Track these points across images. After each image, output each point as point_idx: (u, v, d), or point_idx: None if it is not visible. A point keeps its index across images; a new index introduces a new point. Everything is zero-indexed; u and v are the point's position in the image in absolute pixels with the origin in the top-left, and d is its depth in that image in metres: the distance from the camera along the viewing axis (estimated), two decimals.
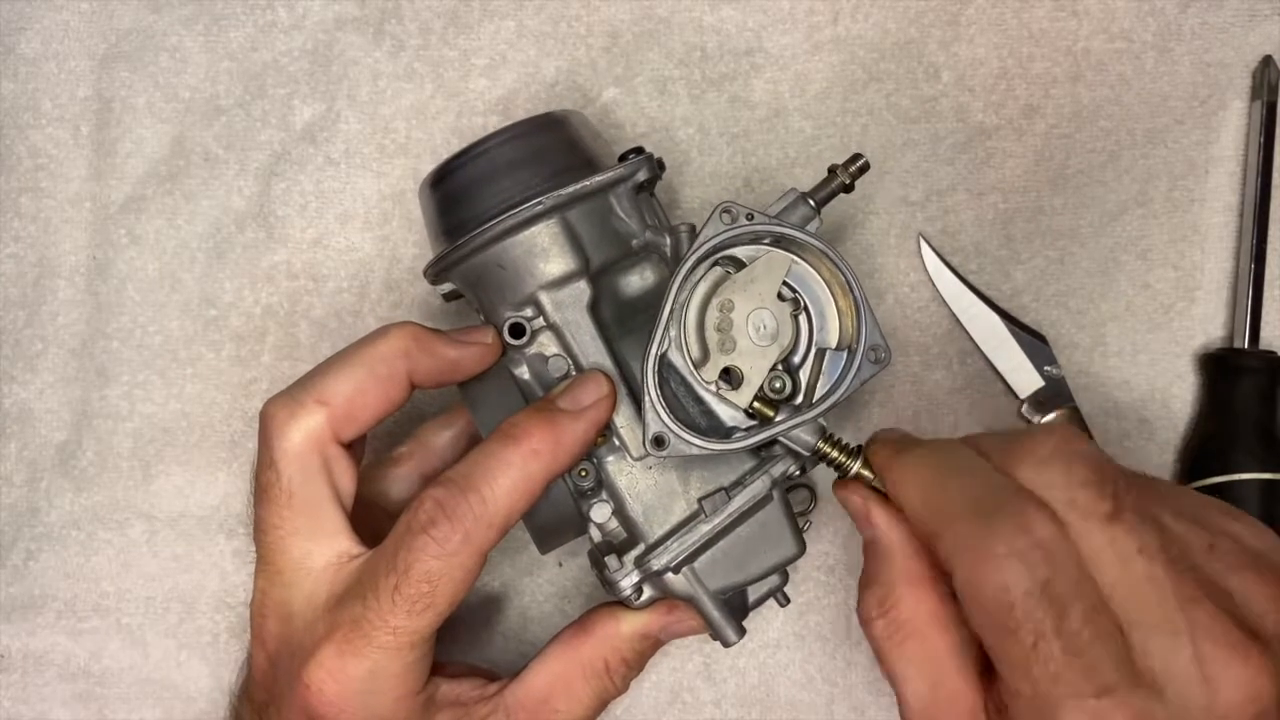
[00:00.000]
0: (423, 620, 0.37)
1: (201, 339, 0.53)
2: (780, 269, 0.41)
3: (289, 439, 0.39)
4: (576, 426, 0.39)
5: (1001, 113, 0.53)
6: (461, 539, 0.37)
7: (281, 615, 0.39)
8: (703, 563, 0.42)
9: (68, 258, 0.53)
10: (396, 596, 0.37)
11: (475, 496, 0.37)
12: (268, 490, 0.39)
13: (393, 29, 0.53)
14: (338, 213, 0.53)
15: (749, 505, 0.41)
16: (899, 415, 0.52)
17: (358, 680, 0.37)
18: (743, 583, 0.42)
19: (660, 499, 0.42)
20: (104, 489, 0.52)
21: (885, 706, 0.51)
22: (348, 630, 0.37)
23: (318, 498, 0.39)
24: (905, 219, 0.53)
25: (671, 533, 0.41)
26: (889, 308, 0.52)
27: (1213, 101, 0.53)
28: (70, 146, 0.53)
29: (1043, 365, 0.52)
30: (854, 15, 0.53)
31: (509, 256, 0.41)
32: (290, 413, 0.39)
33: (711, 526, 0.41)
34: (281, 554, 0.39)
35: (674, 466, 0.42)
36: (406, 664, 0.38)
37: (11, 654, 0.52)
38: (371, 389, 0.40)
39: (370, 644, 0.37)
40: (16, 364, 0.52)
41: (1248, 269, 0.51)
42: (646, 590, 0.42)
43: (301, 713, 0.38)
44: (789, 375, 0.41)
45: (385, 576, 0.37)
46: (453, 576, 0.37)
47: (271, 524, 0.39)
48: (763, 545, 0.42)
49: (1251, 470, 0.49)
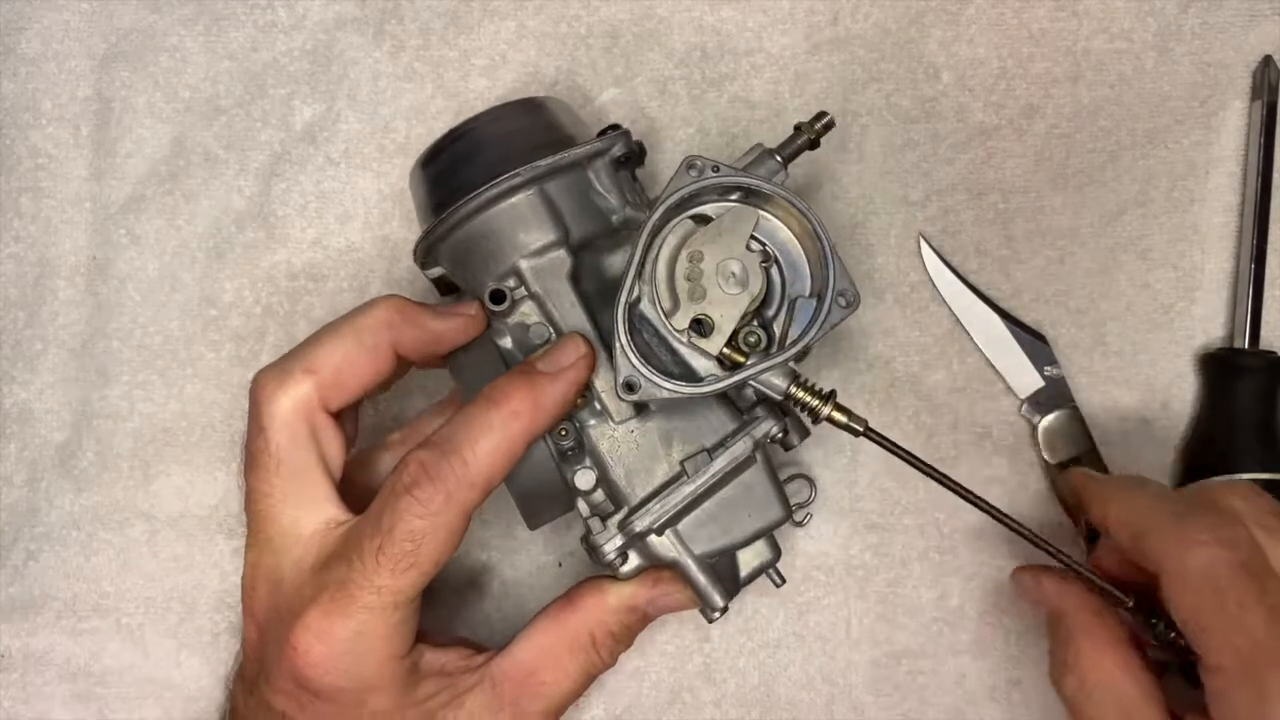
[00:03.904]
0: (406, 579, 0.37)
1: (201, 339, 0.53)
2: (748, 221, 0.41)
3: (278, 406, 0.40)
4: (555, 387, 0.39)
5: (1001, 113, 0.53)
6: (444, 499, 0.37)
7: (271, 582, 0.40)
8: (687, 525, 0.42)
9: (68, 258, 0.53)
10: (381, 556, 0.37)
11: (457, 458, 0.38)
12: (257, 458, 0.40)
13: (393, 29, 0.53)
14: (338, 213, 0.53)
15: (731, 466, 0.41)
16: (899, 415, 0.52)
17: (344, 641, 0.38)
18: (728, 546, 0.43)
19: (642, 461, 0.42)
20: (104, 489, 0.52)
21: (885, 706, 0.51)
22: (334, 591, 0.38)
23: (306, 464, 0.40)
24: (905, 219, 0.53)
25: (654, 494, 0.41)
26: (888, 308, 0.52)
27: (1213, 101, 0.53)
28: (70, 146, 0.53)
29: (1043, 365, 0.52)
30: (854, 15, 0.53)
31: (491, 227, 0.42)
32: (279, 382, 0.40)
33: (694, 487, 0.41)
34: (271, 521, 0.40)
35: (655, 430, 0.42)
36: (391, 625, 0.38)
37: (11, 654, 0.52)
38: (358, 359, 0.40)
39: (355, 604, 0.37)
40: (16, 364, 0.52)
41: (1248, 269, 0.51)
42: (632, 557, 0.42)
43: (289, 677, 0.38)
44: (763, 329, 0.42)
45: (370, 538, 0.38)
46: (436, 536, 0.38)
47: (261, 491, 0.40)
48: (747, 508, 0.42)
49: (1251, 470, 0.49)
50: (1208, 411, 0.51)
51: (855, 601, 0.52)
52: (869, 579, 0.52)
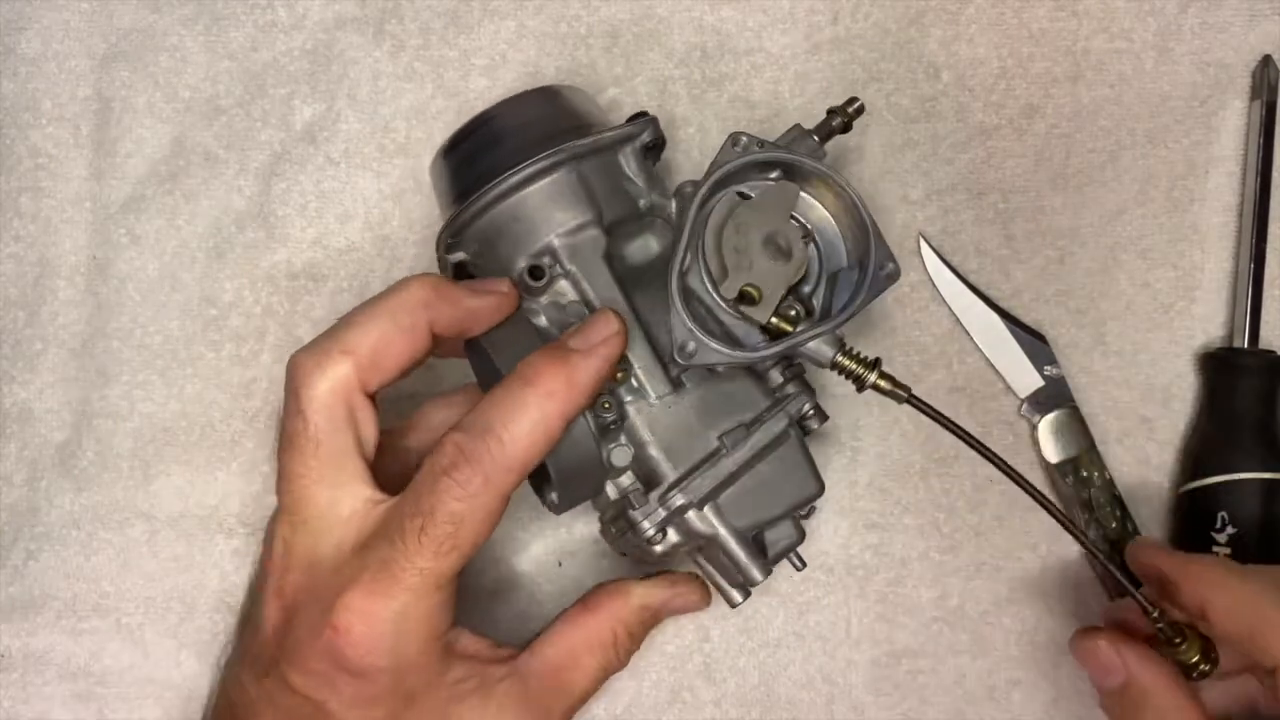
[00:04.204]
0: (448, 561, 0.38)
1: (201, 339, 0.53)
2: (791, 196, 0.42)
3: (317, 388, 0.39)
4: (589, 364, 0.39)
5: (1001, 112, 0.53)
6: (482, 481, 0.37)
7: (307, 565, 0.39)
8: (725, 500, 0.42)
9: (68, 258, 0.53)
10: (423, 538, 0.37)
11: (494, 439, 0.38)
12: (294, 440, 0.40)
13: (393, 29, 0.53)
14: (338, 213, 0.53)
15: (768, 441, 0.41)
16: (899, 414, 0.52)
17: (386, 621, 0.38)
18: (766, 520, 0.43)
19: (680, 437, 0.42)
20: (104, 489, 0.52)
21: (885, 706, 0.51)
22: (376, 571, 0.37)
23: (344, 446, 0.40)
24: (905, 218, 0.53)
25: (693, 470, 0.41)
26: (888, 307, 0.52)
27: (1212, 101, 0.53)
28: (70, 146, 0.53)
29: (1043, 365, 0.52)
30: (854, 15, 0.53)
31: (525, 208, 0.42)
32: (317, 363, 0.39)
33: (734, 460, 0.41)
34: (308, 502, 0.39)
35: (691, 407, 0.42)
36: (432, 606, 0.38)
37: (11, 654, 0.52)
38: (395, 339, 0.40)
39: (398, 584, 0.37)
40: (16, 364, 0.52)
41: (1247, 268, 0.51)
42: (670, 534, 0.42)
43: (325, 657, 0.38)
44: (801, 304, 0.42)
45: (411, 519, 0.38)
46: (475, 518, 0.38)
47: (297, 472, 0.39)
48: (783, 483, 0.43)
49: (1251, 470, 0.49)
50: (1208, 411, 0.51)
51: (855, 601, 0.52)
52: (869, 579, 0.52)
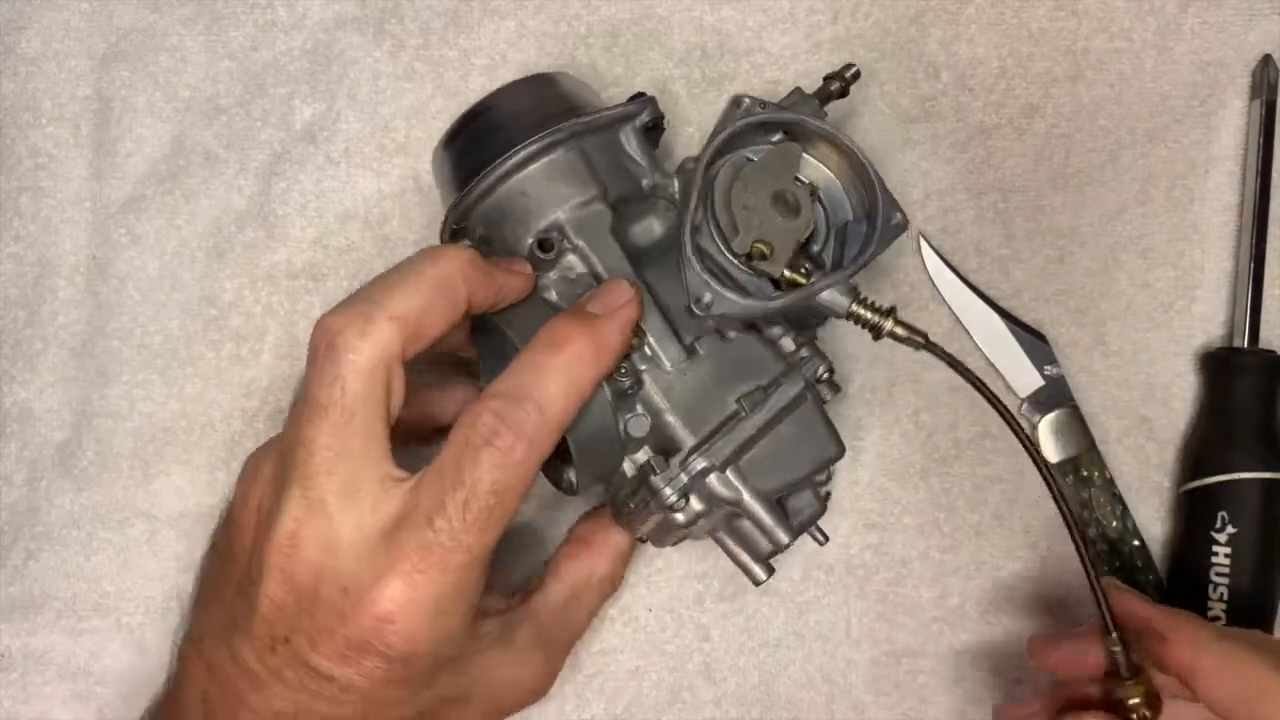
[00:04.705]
0: (491, 535, 0.37)
1: (202, 338, 0.53)
2: (794, 155, 0.43)
3: (362, 354, 0.37)
4: (612, 326, 0.39)
5: (1001, 112, 0.53)
6: (526, 448, 0.36)
7: (325, 545, 0.37)
8: (746, 463, 0.41)
9: (68, 257, 0.53)
10: (467, 514, 0.36)
11: (532, 405, 0.37)
12: (327, 408, 0.37)
13: (393, 29, 0.53)
14: (338, 212, 0.53)
15: (786, 404, 0.41)
16: (899, 414, 0.52)
17: (428, 610, 0.36)
18: (789, 482, 0.42)
19: (697, 403, 0.41)
20: (104, 489, 0.52)
21: (885, 706, 0.51)
22: (417, 558, 0.36)
23: (375, 418, 0.38)
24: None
25: (713, 434, 0.41)
26: None
27: (1212, 100, 0.53)
28: (70, 146, 0.53)
29: (1043, 364, 0.52)
30: (854, 14, 0.53)
31: (529, 187, 0.42)
32: (361, 329, 0.37)
33: (753, 423, 0.41)
34: (328, 477, 0.37)
35: (707, 374, 0.42)
36: (475, 581, 0.37)
37: (11, 654, 0.51)
38: (438, 308, 0.38)
39: (442, 568, 0.36)
40: (16, 364, 0.52)
41: (1247, 268, 0.51)
42: (692, 501, 0.41)
43: (359, 645, 0.37)
44: (811, 261, 0.43)
45: (453, 494, 0.36)
46: (517, 489, 0.37)
47: (323, 444, 0.37)
48: (803, 445, 0.42)
49: (1251, 469, 0.49)
50: (1207, 411, 0.51)
51: (855, 601, 0.52)
52: (869, 579, 0.52)
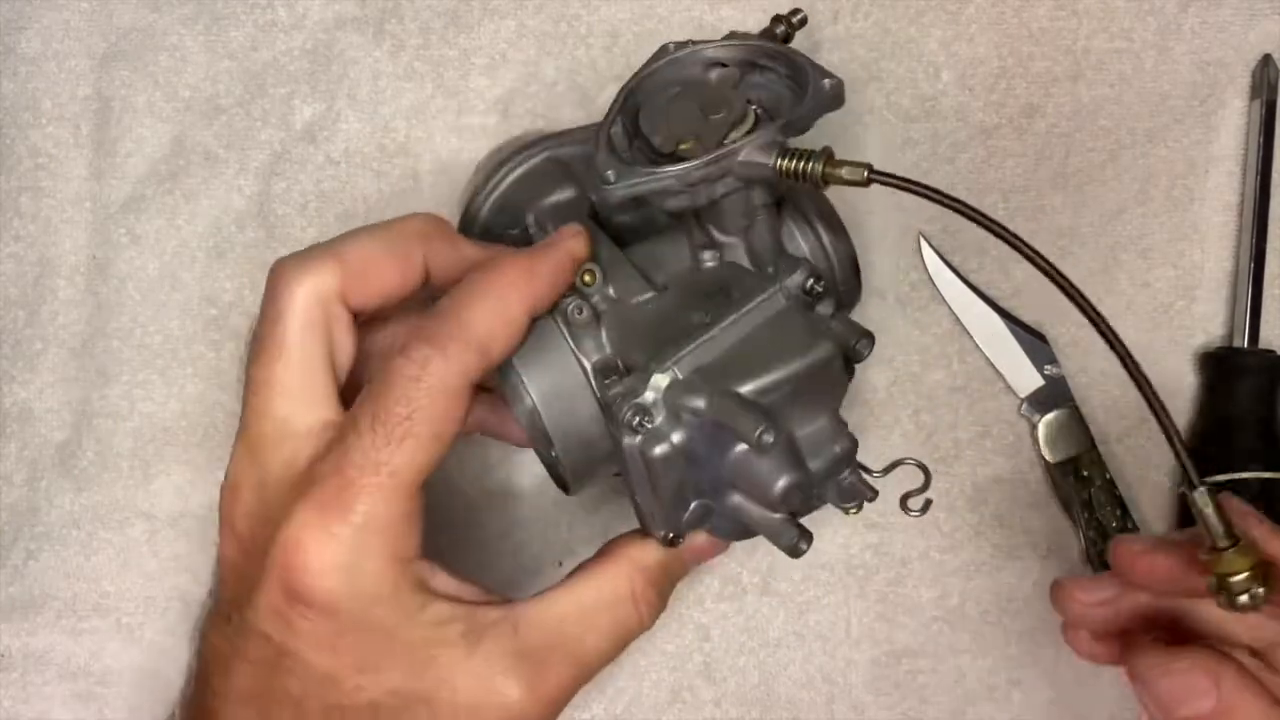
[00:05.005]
0: (403, 452, 0.34)
1: (202, 338, 0.52)
2: (728, 79, 0.41)
3: (297, 290, 0.37)
4: (550, 254, 0.38)
5: (1002, 112, 0.53)
6: (439, 357, 0.35)
7: (256, 484, 0.37)
8: (715, 364, 0.37)
9: (68, 257, 0.53)
10: (378, 427, 0.34)
11: (451, 318, 0.36)
12: (263, 343, 0.37)
13: (393, 28, 0.53)
14: (337, 212, 0.53)
15: (756, 307, 0.37)
16: (899, 414, 0.52)
17: (340, 537, 0.34)
18: (768, 384, 0.36)
19: (661, 326, 0.38)
20: (104, 488, 0.52)
21: (885, 706, 0.51)
22: (328, 480, 0.34)
23: (314, 356, 0.37)
24: (905, 218, 0.53)
25: (676, 350, 0.37)
26: (889, 306, 0.52)
27: (1212, 100, 0.53)
28: (70, 146, 0.53)
29: (1043, 364, 0.52)
30: (854, 14, 0.53)
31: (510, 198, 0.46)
32: (300, 265, 0.37)
33: (719, 327, 0.37)
34: (265, 416, 0.37)
35: (676, 298, 0.39)
36: (393, 515, 0.34)
37: (11, 654, 0.52)
38: (387, 258, 0.38)
39: (353, 489, 0.34)
40: (16, 364, 0.52)
41: (1247, 268, 0.51)
42: (657, 416, 0.36)
43: (279, 589, 0.34)
44: None
45: (362, 411, 0.35)
46: (433, 400, 0.35)
47: (261, 380, 0.37)
48: (784, 347, 0.37)
49: (1252, 470, 0.49)
50: (1207, 410, 0.51)
51: (855, 601, 0.52)
52: (869, 579, 0.52)
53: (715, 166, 0.36)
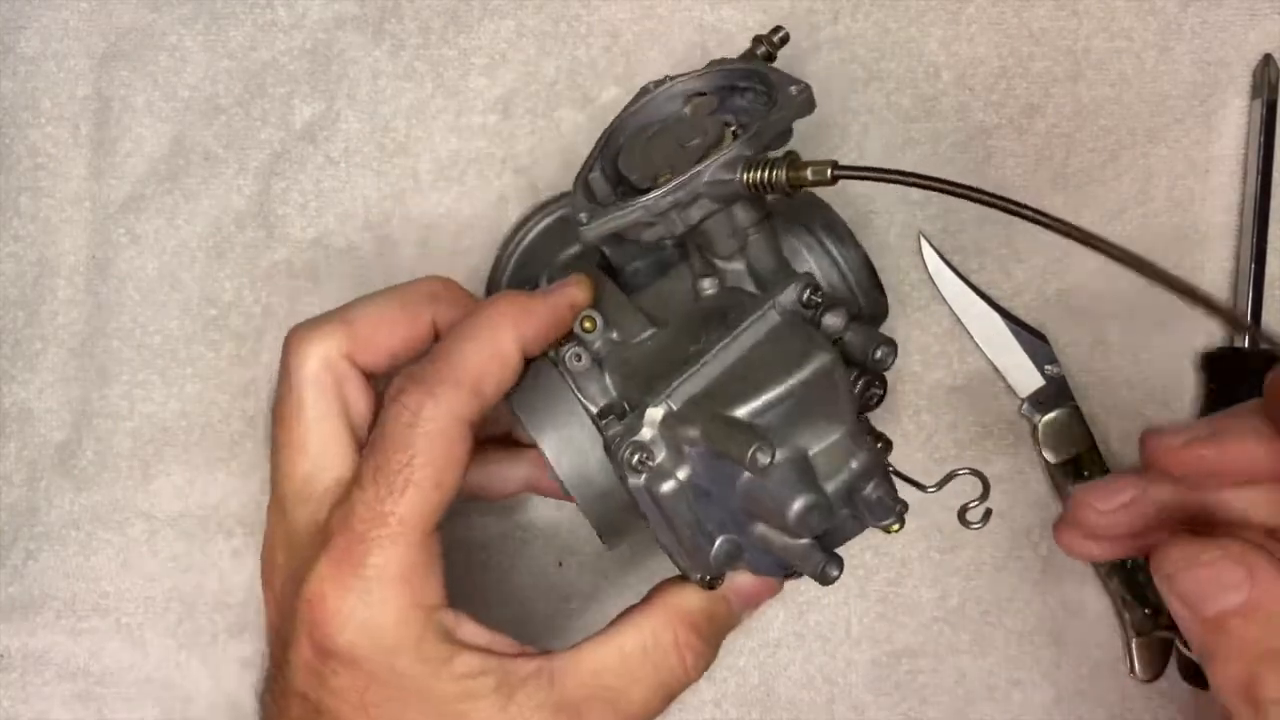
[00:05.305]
0: (407, 501, 0.34)
1: (201, 338, 0.52)
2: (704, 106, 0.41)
3: (307, 353, 0.38)
4: (548, 296, 0.38)
5: (1002, 111, 0.53)
6: (430, 401, 0.35)
7: (286, 544, 0.37)
8: (705, 390, 0.36)
9: (67, 257, 0.53)
10: (378, 477, 0.35)
11: (442, 361, 0.36)
12: (282, 407, 0.38)
13: (392, 28, 0.53)
14: (338, 212, 0.53)
15: (749, 328, 0.36)
16: (899, 414, 0.52)
17: (356, 588, 0.34)
18: (762, 405, 0.34)
19: (658, 360, 0.38)
20: (104, 488, 0.52)
21: (885, 706, 0.51)
22: (339, 533, 0.35)
23: (328, 417, 0.38)
24: (906, 218, 0.53)
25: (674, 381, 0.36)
26: (890, 307, 0.52)
27: (1213, 100, 0.53)
28: (70, 146, 0.53)
29: (1043, 364, 0.52)
30: (854, 14, 0.53)
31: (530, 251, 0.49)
32: (310, 328, 0.39)
33: (711, 353, 0.36)
34: (288, 477, 0.38)
35: (675, 332, 0.39)
36: (406, 565, 0.34)
37: (11, 654, 0.52)
38: (395, 318, 0.39)
39: (363, 543, 0.34)
40: (16, 363, 0.52)
41: (1248, 268, 0.51)
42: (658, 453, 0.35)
43: (309, 645, 0.35)
44: None
45: (365, 464, 0.35)
46: (429, 445, 0.35)
47: (282, 442, 0.38)
48: (778, 363, 0.35)
49: None
50: (1208, 411, 0.51)
51: (855, 601, 0.52)
52: (869, 578, 0.52)
53: (683, 191, 0.36)
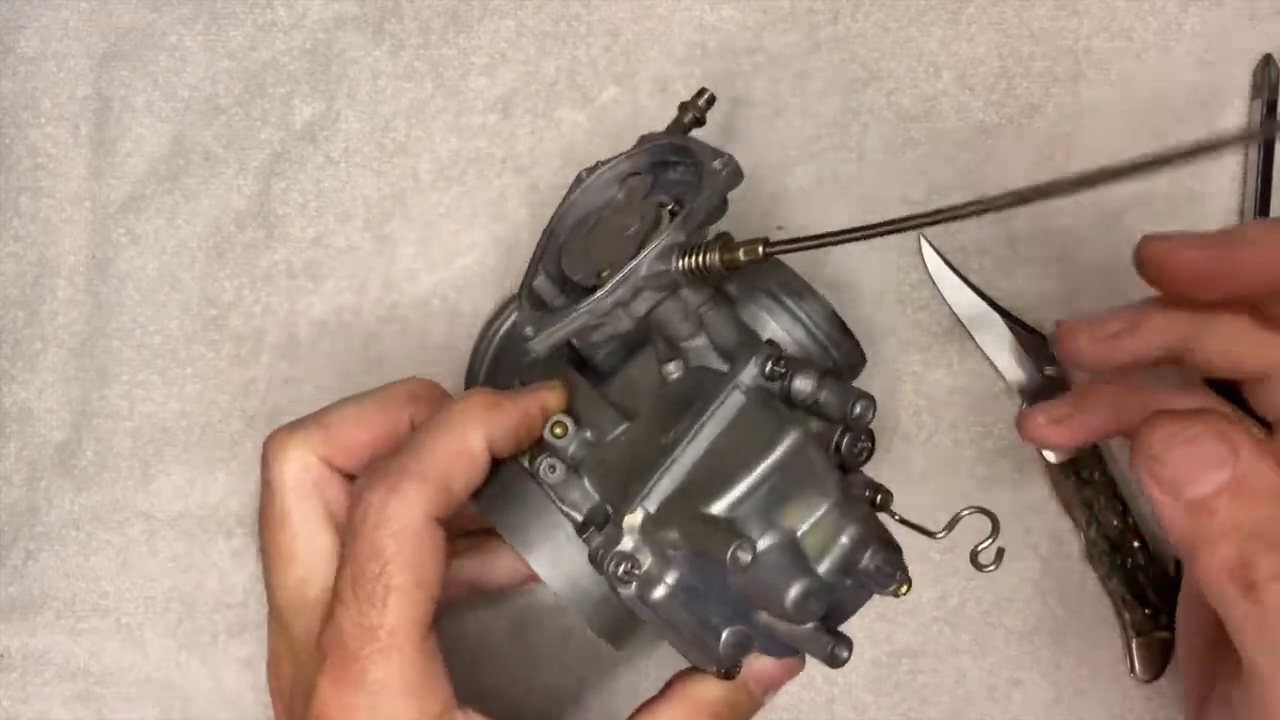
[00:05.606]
0: (391, 611, 0.34)
1: (201, 338, 0.52)
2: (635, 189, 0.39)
3: (285, 460, 0.38)
4: (518, 397, 0.38)
5: (1002, 111, 0.53)
6: (396, 498, 0.34)
7: (289, 656, 0.38)
8: (685, 487, 0.35)
9: (67, 257, 0.53)
10: (357, 589, 0.34)
11: (409, 455, 0.36)
12: (266, 515, 0.39)
13: (392, 28, 0.53)
14: (338, 212, 0.53)
15: (713, 415, 0.35)
16: (899, 414, 0.52)
17: (362, 709, 0.34)
18: (738, 496, 0.34)
19: (637, 462, 0.36)
20: (104, 489, 0.52)
21: (885, 706, 0.51)
22: (333, 654, 0.34)
23: (311, 521, 0.38)
24: None
25: (648, 482, 0.35)
26: (889, 307, 0.52)
27: (1213, 100, 0.53)
28: (70, 146, 0.53)
29: (1043, 364, 0.52)
30: (854, 14, 0.53)
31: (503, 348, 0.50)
32: (288, 433, 0.39)
33: (680, 448, 0.35)
34: (281, 587, 0.38)
35: (644, 422, 0.38)
36: (407, 675, 0.34)
37: (11, 654, 0.52)
38: (372, 419, 0.39)
39: (358, 662, 0.34)
40: (16, 363, 0.52)
41: None
42: (649, 562, 0.34)
43: None
44: None
45: (342, 574, 0.35)
46: (400, 546, 0.34)
47: (271, 551, 0.38)
48: (747, 449, 0.34)
49: None
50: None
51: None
52: None
53: (623, 289, 0.34)
